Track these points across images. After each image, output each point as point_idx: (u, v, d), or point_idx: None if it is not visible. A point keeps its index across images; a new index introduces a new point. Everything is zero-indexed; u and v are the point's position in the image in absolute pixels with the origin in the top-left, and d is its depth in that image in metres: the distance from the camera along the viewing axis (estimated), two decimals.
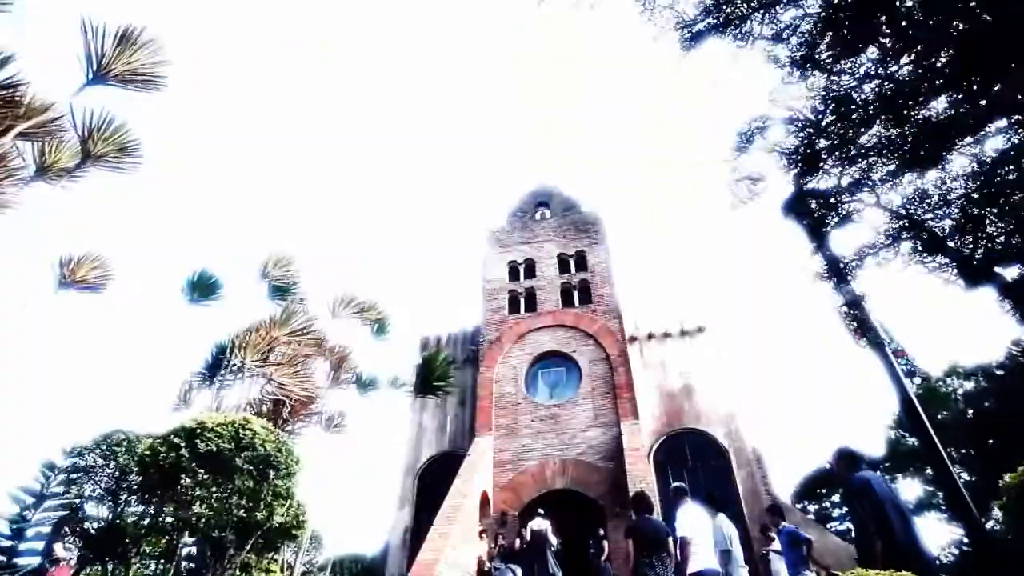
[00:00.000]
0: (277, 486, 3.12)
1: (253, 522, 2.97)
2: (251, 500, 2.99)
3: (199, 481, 2.91)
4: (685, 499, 6.14)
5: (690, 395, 16.36)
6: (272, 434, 3.22)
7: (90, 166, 3.30)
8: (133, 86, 3.02)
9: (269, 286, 4.80)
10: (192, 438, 3.00)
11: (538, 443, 15.24)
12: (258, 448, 3.07)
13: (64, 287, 3.64)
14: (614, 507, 13.23)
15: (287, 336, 4.53)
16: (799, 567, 6.60)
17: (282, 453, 3.21)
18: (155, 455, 2.93)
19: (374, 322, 5.60)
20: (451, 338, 19.99)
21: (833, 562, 15.20)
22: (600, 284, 17.83)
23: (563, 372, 16.71)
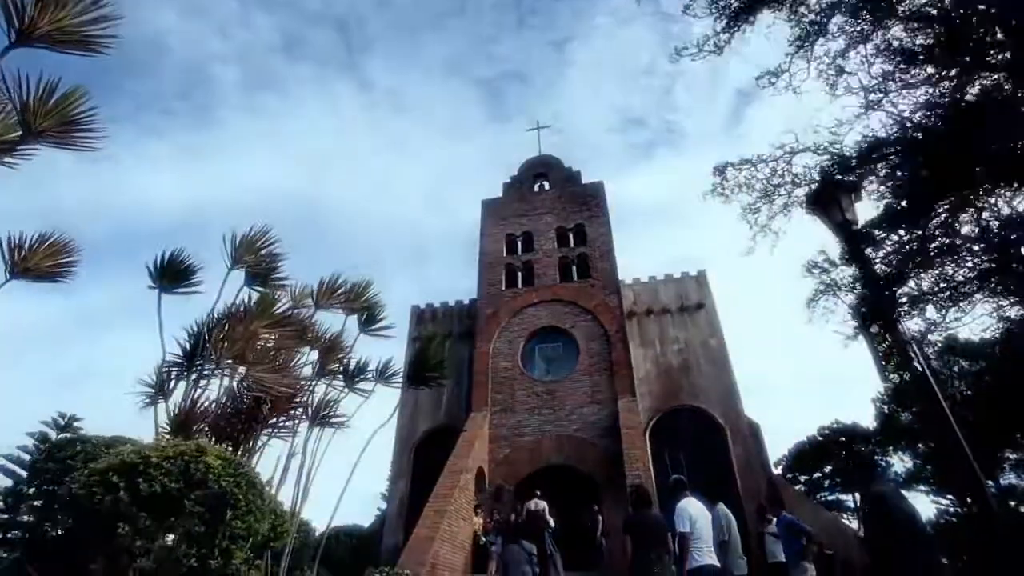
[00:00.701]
0: (235, 527, 2.82)
1: (207, 571, 2.68)
2: (203, 546, 2.70)
3: (140, 528, 2.60)
4: (685, 492, 6.00)
5: (688, 371, 16.26)
6: (230, 466, 2.90)
7: (35, 143, 2.91)
8: (68, 47, 2.62)
9: (245, 273, 4.47)
10: (133, 476, 2.67)
11: (534, 419, 15.20)
12: (211, 484, 2.76)
13: (16, 277, 3.30)
14: (609, 483, 13.25)
15: (265, 328, 4.23)
16: (797, 559, 6.52)
17: (241, 488, 2.89)
18: (90, 497, 2.63)
19: (363, 310, 5.30)
20: (446, 310, 19.75)
21: (826, 539, 15.40)
22: (599, 258, 17.50)
23: (560, 347, 16.55)
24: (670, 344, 16.79)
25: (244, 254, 4.40)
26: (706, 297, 17.37)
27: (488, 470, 14.49)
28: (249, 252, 4.42)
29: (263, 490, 3.22)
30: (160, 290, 4.38)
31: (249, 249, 4.42)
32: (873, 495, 3.90)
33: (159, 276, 4.40)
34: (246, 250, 4.40)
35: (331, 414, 5.43)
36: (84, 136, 3.08)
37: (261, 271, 4.60)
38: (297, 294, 5.51)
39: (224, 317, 4.33)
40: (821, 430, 28.09)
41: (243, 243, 4.36)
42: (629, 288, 18.03)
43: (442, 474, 12.41)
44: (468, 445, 13.65)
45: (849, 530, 15.89)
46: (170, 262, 4.46)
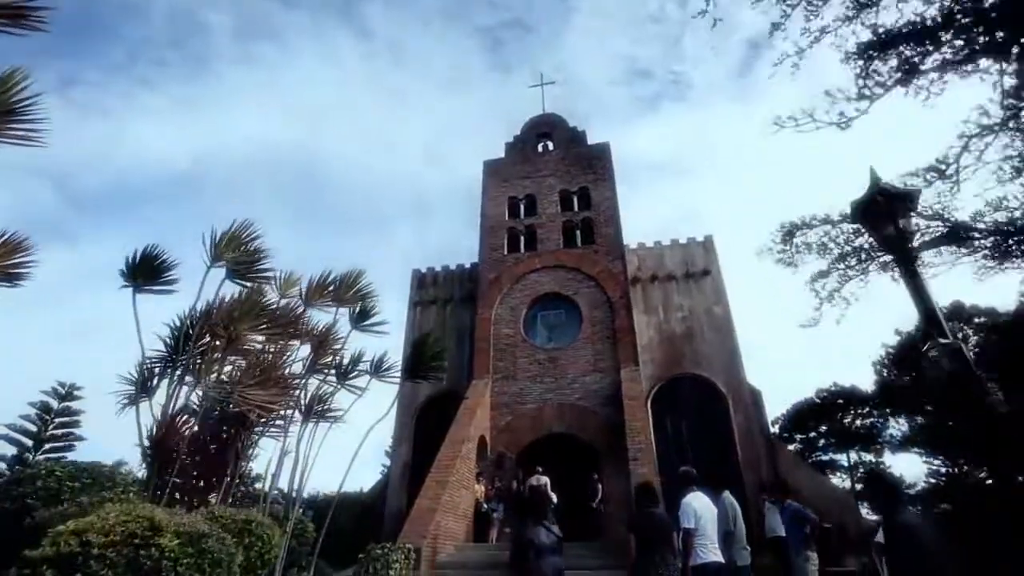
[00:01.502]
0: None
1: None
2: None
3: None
4: (692, 486, 5.84)
5: (691, 339, 16.10)
6: (190, 544, 2.58)
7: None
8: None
9: (227, 269, 4.13)
10: (71, 570, 2.32)
11: (536, 387, 15.13)
12: (167, 573, 2.43)
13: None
14: (610, 452, 13.28)
15: (250, 329, 3.93)
16: (800, 546, 6.46)
17: (205, 572, 2.58)
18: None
19: (356, 301, 4.98)
20: (447, 274, 19.43)
21: (822, 504, 15.62)
22: (604, 223, 17.03)
23: (563, 314, 16.32)
24: (674, 311, 16.55)
25: (224, 251, 4.05)
26: (712, 263, 17.01)
27: (490, 437, 14.53)
28: (230, 249, 4.06)
29: (234, 559, 2.96)
30: (134, 289, 4.06)
31: (230, 245, 4.06)
32: (902, 525, 3.67)
33: (132, 274, 4.06)
34: (227, 246, 4.04)
35: (325, 409, 5.20)
36: (25, 129, 2.67)
37: (244, 266, 4.26)
38: (284, 283, 5.19)
39: (204, 319, 4.00)
40: (819, 392, 28.29)
41: (223, 240, 4.00)
42: (634, 253, 17.64)
43: (444, 443, 12.40)
44: (470, 413, 13.61)
45: (843, 496, 16.10)
46: (144, 259, 4.11)
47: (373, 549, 8.60)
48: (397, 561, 8.54)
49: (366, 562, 8.34)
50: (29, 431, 13.63)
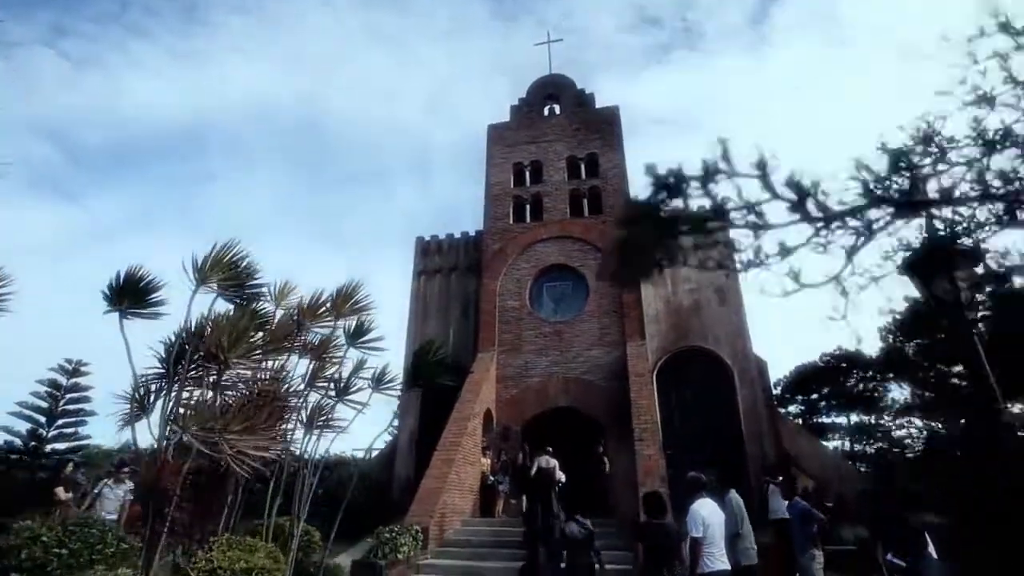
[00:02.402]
0: None
1: None
2: None
3: None
4: (700, 492, 5.79)
5: (699, 311, 15.92)
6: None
7: None
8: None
9: (216, 291, 3.91)
10: None
11: (542, 360, 15.11)
12: None
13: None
14: (616, 426, 13.36)
15: (240, 356, 3.74)
16: (807, 544, 6.48)
17: None
18: None
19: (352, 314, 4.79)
20: (452, 243, 19.12)
21: (820, 472, 15.85)
22: (612, 192, 16.55)
23: (569, 286, 16.11)
24: (682, 283, 16.30)
25: (210, 274, 3.82)
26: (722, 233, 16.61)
27: (495, 410, 14.63)
28: (216, 271, 3.83)
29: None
30: (120, 314, 3.86)
31: (215, 268, 3.82)
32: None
33: (117, 298, 3.85)
34: (212, 269, 3.81)
35: (326, 421, 5.10)
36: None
37: (232, 286, 4.03)
38: (279, 293, 4.97)
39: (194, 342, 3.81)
40: (823, 356, 28.27)
41: (206, 263, 3.75)
42: None
43: (449, 420, 12.47)
44: (475, 389, 13.64)
45: (844, 465, 16.31)
46: (128, 281, 3.88)
47: (382, 532, 8.75)
48: (405, 544, 8.71)
49: (376, 546, 8.50)
50: (41, 407, 13.83)
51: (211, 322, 3.82)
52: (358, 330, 4.85)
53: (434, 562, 9.24)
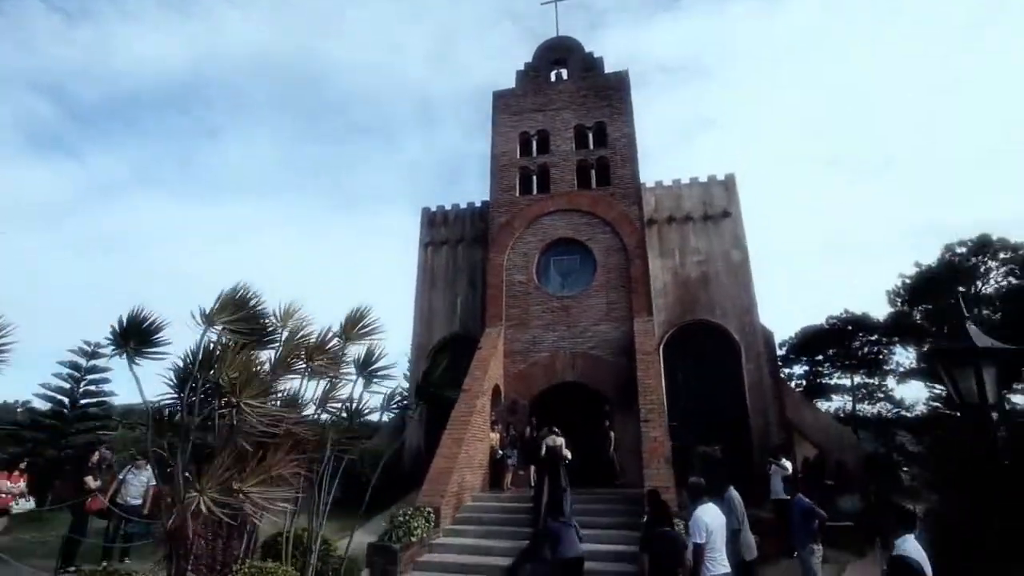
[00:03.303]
0: None
1: None
2: None
3: None
4: (702, 498, 5.96)
5: (707, 284, 15.86)
6: None
7: None
8: None
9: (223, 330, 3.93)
10: None
11: (549, 335, 15.21)
12: None
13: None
14: (622, 401, 13.58)
15: (252, 397, 3.79)
16: (808, 540, 6.69)
17: None
18: None
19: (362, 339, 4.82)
20: (458, 213, 18.96)
21: (823, 441, 16.17)
22: (620, 163, 16.18)
23: (576, 260, 16.02)
24: (690, 255, 16.18)
25: (218, 316, 3.84)
26: (733, 204, 16.34)
27: (503, 384, 14.87)
28: (224, 313, 3.85)
29: None
30: (128, 358, 3.92)
31: (223, 310, 3.84)
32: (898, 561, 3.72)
33: (122, 340, 3.91)
34: (219, 313, 3.83)
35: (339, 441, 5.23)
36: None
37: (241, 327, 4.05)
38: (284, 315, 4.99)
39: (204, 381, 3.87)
40: (829, 319, 28.23)
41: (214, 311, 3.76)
42: (651, 193, 16.94)
43: (459, 399, 12.68)
44: (483, 366, 13.82)
45: (846, 434, 16.59)
46: (131, 323, 3.91)
47: (396, 516, 9.10)
48: (418, 526, 9.06)
49: (391, 529, 8.86)
50: (63, 388, 14.24)
51: (223, 365, 3.86)
52: (367, 359, 4.89)
53: (445, 541, 9.63)
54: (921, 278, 22.71)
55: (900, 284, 24.53)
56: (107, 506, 8.36)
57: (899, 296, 24.81)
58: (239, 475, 3.40)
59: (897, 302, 24.91)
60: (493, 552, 9.15)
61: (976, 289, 21.34)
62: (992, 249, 20.80)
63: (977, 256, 21.01)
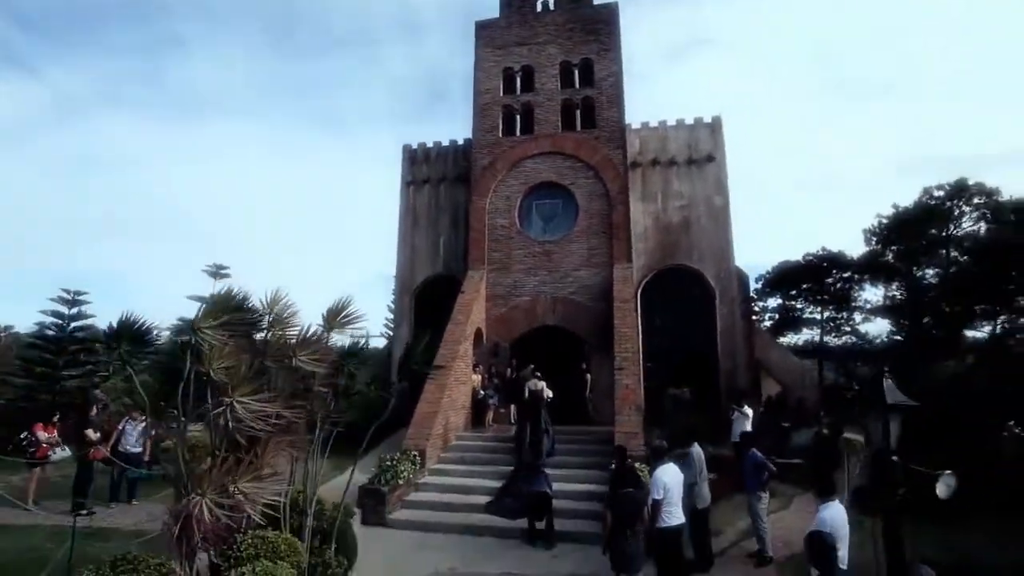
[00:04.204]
0: None
1: None
2: None
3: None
4: (663, 458, 6.58)
5: (687, 229, 16.09)
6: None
7: None
8: None
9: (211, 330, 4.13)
10: None
11: (531, 280, 15.53)
12: None
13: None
14: (600, 345, 14.18)
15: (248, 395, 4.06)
16: (756, 488, 7.44)
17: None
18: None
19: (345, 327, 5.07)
20: (440, 151, 18.58)
21: (787, 379, 17.20)
22: (606, 104, 15.80)
23: (559, 205, 16.04)
24: (673, 200, 16.27)
25: (203, 322, 4.04)
26: (718, 148, 16.25)
27: (485, 327, 15.34)
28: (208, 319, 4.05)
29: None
30: (121, 359, 4.16)
31: (209, 317, 4.04)
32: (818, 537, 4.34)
33: (115, 343, 4.14)
34: (204, 318, 4.03)
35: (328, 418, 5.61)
36: None
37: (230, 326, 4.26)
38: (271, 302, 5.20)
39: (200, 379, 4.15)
40: (806, 256, 28.89)
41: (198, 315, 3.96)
42: (636, 134, 16.70)
43: (442, 342, 13.12)
44: (466, 310, 14.19)
45: (809, 374, 17.62)
46: (123, 327, 4.12)
47: (384, 460, 9.77)
48: (405, 469, 9.77)
49: (379, 473, 9.55)
50: (48, 336, 14.36)
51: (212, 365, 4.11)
52: (352, 351, 5.15)
53: (431, 480, 10.41)
54: (897, 219, 23.15)
55: (877, 224, 25.01)
56: (108, 455, 8.86)
57: (875, 235, 25.35)
58: (235, 472, 3.74)
59: (872, 241, 25.49)
60: (475, 490, 9.95)
61: (948, 232, 21.87)
62: (968, 193, 21.14)
63: (953, 200, 21.37)
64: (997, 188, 20.38)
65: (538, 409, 11.37)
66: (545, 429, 11.15)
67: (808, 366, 18.41)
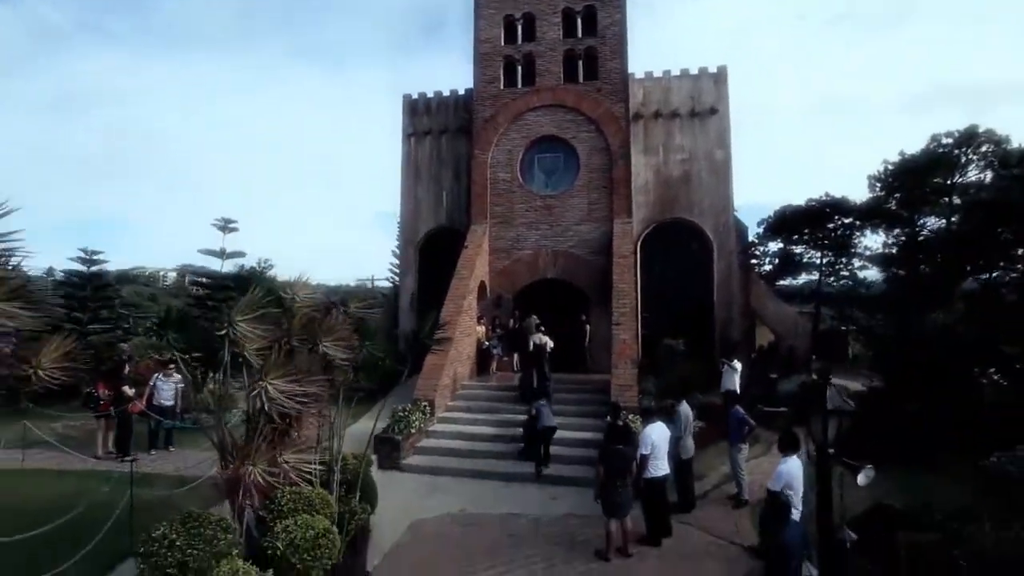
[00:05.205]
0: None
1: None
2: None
3: None
4: (651, 418, 7.29)
5: (688, 183, 16.24)
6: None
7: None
8: None
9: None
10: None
11: (532, 233, 15.87)
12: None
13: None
14: (599, 298, 14.73)
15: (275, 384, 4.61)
16: (738, 442, 8.18)
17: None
18: None
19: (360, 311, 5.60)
20: (441, 101, 18.41)
21: (781, 328, 17.86)
22: (609, 55, 15.53)
23: (560, 159, 16.11)
24: (674, 153, 16.31)
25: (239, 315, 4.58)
26: (722, 100, 16.10)
27: (488, 280, 15.85)
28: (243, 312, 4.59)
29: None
30: (168, 343, 4.72)
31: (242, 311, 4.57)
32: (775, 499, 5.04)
33: (164, 328, 4.69)
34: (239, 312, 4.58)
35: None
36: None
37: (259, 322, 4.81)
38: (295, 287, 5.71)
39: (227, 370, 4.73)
40: (809, 200, 28.82)
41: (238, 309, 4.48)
42: (639, 84, 16.50)
43: (447, 298, 13.69)
44: (469, 265, 14.64)
45: (801, 324, 18.23)
46: (167, 315, 4.69)
47: (397, 411, 10.58)
48: (416, 419, 10.59)
49: (392, 423, 10.37)
50: (74, 295, 14.94)
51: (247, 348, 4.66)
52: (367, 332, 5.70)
53: (439, 427, 11.27)
54: (902, 167, 23.01)
55: (883, 170, 24.82)
56: (144, 409, 9.66)
57: (879, 181, 25.23)
58: (278, 444, 4.39)
59: (876, 187, 25.40)
60: (481, 437, 10.84)
61: (953, 180, 21.81)
62: (977, 141, 20.89)
63: (961, 148, 21.15)
64: (1007, 136, 20.15)
65: (542, 361, 12.18)
66: (548, 378, 11.93)
67: (800, 317, 18.95)
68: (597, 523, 6.90)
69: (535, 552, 6.65)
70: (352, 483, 6.53)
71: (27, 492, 7.87)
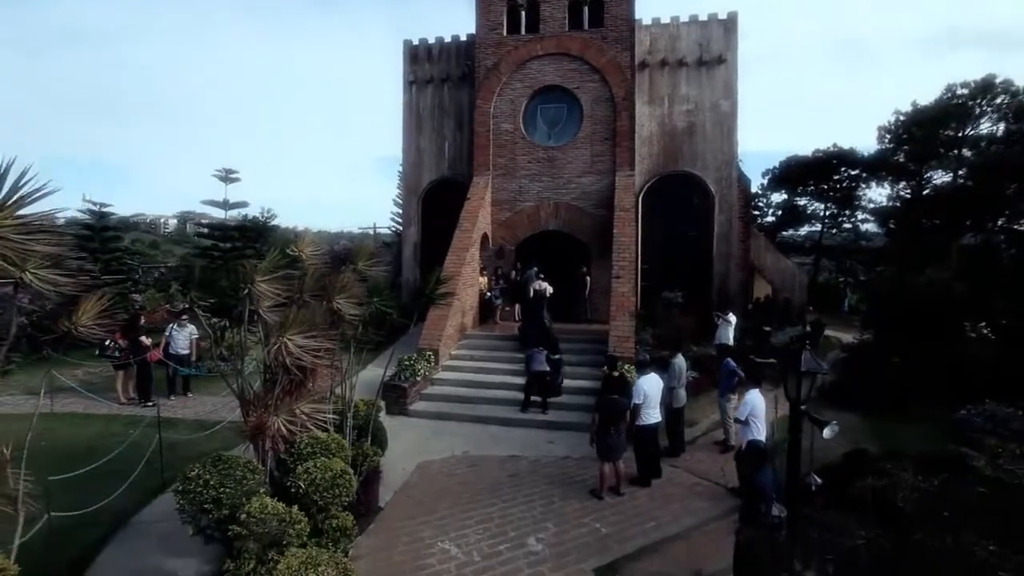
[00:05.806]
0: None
1: None
2: None
3: None
4: (645, 369, 7.68)
5: (691, 135, 16.08)
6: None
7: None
8: None
9: None
10: None
11: (534, 185, 15.89)
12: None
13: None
14: (600, 250, 14.93)
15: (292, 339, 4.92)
16: (727, 392, 8.62)
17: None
18: None
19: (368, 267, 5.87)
20: (443, 47, 17.96)
21: (779, 281, 18.15)
22: (616, 1, 15.05)
23: (564, 109, 15.89)
24: (679, 104, 16.06)
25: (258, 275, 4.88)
26: (730, 49, 15.69)
27: (490, 232, 16.01)
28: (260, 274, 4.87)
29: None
30: (192, 302, 5.03)
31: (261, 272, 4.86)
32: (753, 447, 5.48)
33: (190, 292, 4.99)
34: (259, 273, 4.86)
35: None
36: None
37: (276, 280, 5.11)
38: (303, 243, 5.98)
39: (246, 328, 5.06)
40: (816, 151, 28.50)
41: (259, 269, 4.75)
42: (646, 31, 16.06)
43: (449, 250, 13.91)
44: (472, 217, 14.76)
45: (800, 277, 18.48)
46: (190, 275, 4.97)
47: (403, 360, 11.02)
48: (422, 368, 11.06)
49: (399, 371, 10.84)
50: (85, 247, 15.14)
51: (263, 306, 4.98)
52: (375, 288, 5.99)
53: (444, 375, 11.76)
54: (913, 118, 22.62)
55: (894, 120, 24.41)
56: (161, 357, 10.12)
57: (889, 133, 24.86)
58: (295, 395, 4.78)
59: (886, 139, 25.05)
60: (483, 385, 11.35)
61: (964, 132, 21.50)
62: (993, 92, 20.45)
63: (976, 99, 20.73)
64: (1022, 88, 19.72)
65: (541, 306, 12.63)
66: (548, 325, 12.35)
67: (798, 270, 19.18)
68: (592, 465, 7.44)
69: (534, 490, 7.21)
70: (363, 428, 7.02)
71: (65, 433, 8.42)
